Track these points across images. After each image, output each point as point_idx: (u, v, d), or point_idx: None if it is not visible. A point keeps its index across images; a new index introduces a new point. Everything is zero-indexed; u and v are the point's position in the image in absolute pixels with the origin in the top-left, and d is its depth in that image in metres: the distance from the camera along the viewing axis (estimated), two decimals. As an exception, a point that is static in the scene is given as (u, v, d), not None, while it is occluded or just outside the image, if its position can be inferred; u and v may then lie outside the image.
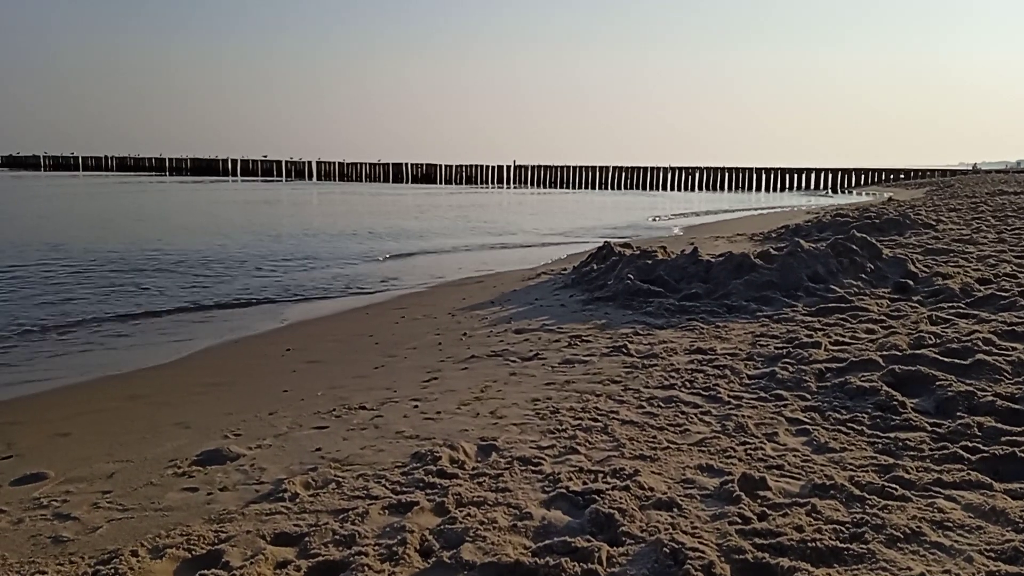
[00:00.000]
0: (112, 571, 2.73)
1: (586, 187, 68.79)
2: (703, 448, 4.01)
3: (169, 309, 10.19)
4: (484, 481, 3.62)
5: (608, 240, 11.96)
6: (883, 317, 7.10)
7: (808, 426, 4.34)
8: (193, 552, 2.95)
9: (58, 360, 7.52)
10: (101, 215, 24.76)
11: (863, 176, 65.54)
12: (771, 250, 9.49)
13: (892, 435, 4.12)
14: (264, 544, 2.98)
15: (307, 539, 3.02)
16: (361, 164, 78.79)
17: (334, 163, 79.38)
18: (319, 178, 77.27)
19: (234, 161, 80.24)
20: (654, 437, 4.19)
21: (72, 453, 4.56)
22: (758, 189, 66.19)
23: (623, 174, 71.05)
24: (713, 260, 9.25)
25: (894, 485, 3.40)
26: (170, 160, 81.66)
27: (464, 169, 75.89)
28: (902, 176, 64.13)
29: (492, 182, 73.43)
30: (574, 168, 72.47)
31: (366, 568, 2.71)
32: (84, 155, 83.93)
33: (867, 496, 3.30)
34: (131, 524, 3.30)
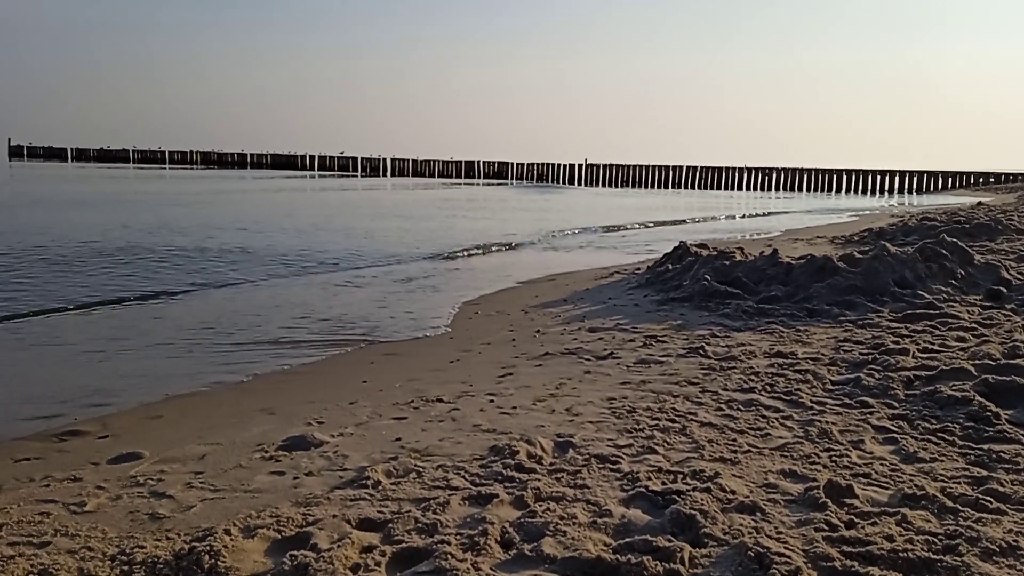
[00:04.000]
0: (207, 548, 2.84)
1: (658, 187, 68.00)
2: (785, 453, 3.93)
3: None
4: (562, 477, 3.63)
5: (684, 240, 11.81)
6: (974, 325, 6.83)
7: (896, 435, 4.22)
8: (283, 533, 3.04)
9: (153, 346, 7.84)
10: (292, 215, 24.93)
11: (949, 179, 63.00)
12: (855, 253, 9.22)
13: (985, 447, 3.96)
14: (350, 528, 3.06)
15: (391, 525, 3.08)
16: (434, 161, 79.75)
17: (408, 160, 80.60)
18: (393, 174, 78.51)
19: (312, 157, 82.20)
20: (734, 440, 4.13)
21: (164, 435, 4.76)
22: (838, 191, 64.31)
23: (697, 174, 69.99)
24: (793, 262, 9.05)
25: (988, 498, 3.28)
26: (251, 155, 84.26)
27: (535, 167, 75.96)
28: (991, 180, 61.39)
29: (563, 181, 73.26)
30: (646, 167, 71.74)
31: (449, 556, 2.75)
32: (170, 149, 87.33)
33: (960, 508, 3.19)
34: (223, 504, 3.43)
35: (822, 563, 2.73)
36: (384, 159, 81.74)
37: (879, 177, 65.26)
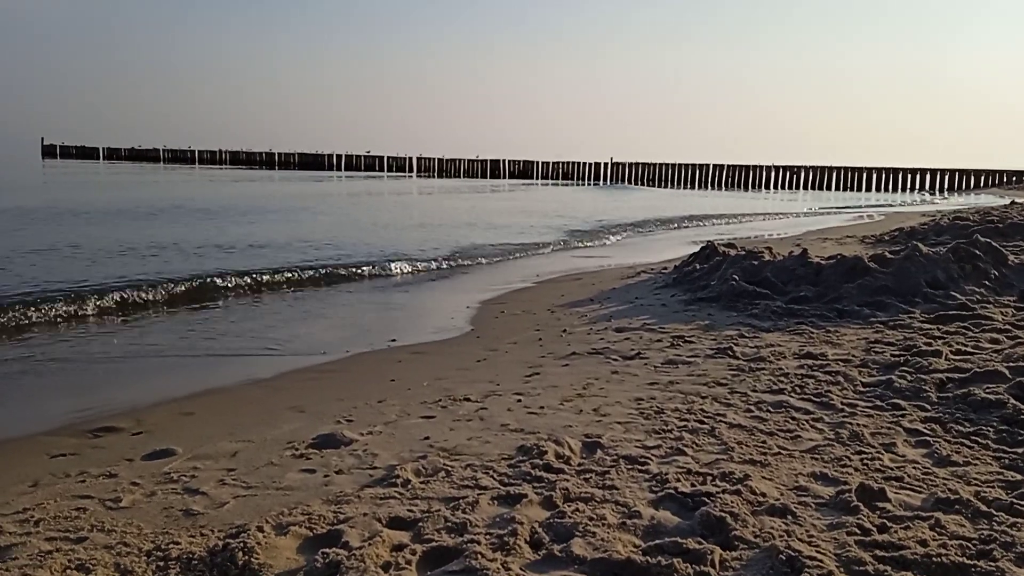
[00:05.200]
0: (241, 544, 2.88)
1: (685, 186, 67.57)
2: (816, 456, 3.90)
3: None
4: (591, 478, 3.63)
5: (711, 240, 11.75)
6: (1008, 327, 6.72)
7: (929, 438, 4.16)
8: (314, 530, 3.08)
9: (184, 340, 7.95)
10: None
11: (981, 177, 61.97)
12: (886, 253, 9.11)
13: (1020, 450, 3.90)
14: (380, 527, 3.08)
15: (420, 524, 3.10)
16: (459, 160, 79.84)
17: (433, 159, 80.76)
18: (419, 172, 78.76)
19: (339, 156, 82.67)
20: (764, 442, 4.11)
21: (197, 432, 4.82)
22: (867, 189, 63.50)
23: (724, 172, 69.46)
24: (823, 262, 8.96)
25: (1023, 502, 3.24)
26: (279, 155, 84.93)
27: (561, 166, 75.80)
28: (1026, 178, 60.25)
29: (588, 179, 73.04)
30: (673, 166, 71.31)
31: (479, 556, 2.77)
32: (200, 149, 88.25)
33: (994, 512, 3.15)
34: (255, 501, 3.47)
35: (855, 567, 2.71)
36: (410, 158, 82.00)
37: (909, 175, 64.35)
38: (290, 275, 11.84)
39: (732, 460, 3.83)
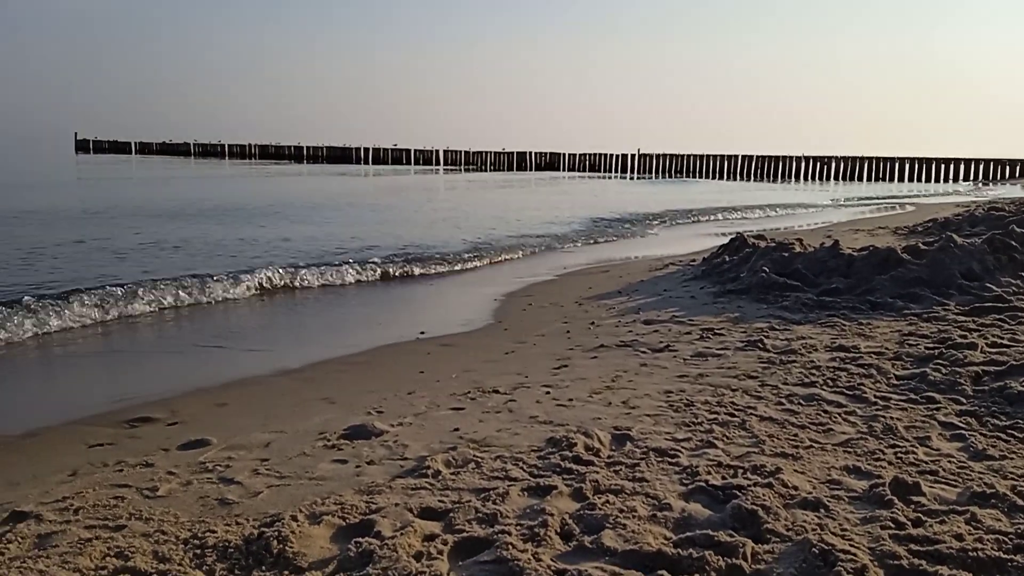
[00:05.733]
0: (276, 533, 2.92)
1: (712, 176, 67.04)
2: (849, 449, 3.87)
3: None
4: (620, 470, 3.63)
5: (740, 231, 11.66)
6: (1047, 319, 6.60)
7: (964, 431, 4.11)
8: (347, 520, 3.11)
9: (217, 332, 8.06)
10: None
11: (1016, 167, 60.73)
12: (920, 244, 8.98)
13: (1060, 445, 3.84)
14: (412, 517, 3.11)
15: (451, 515, 3.13)
16: (486, 152, 79.85)
17: (460, 151, 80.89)
18: (445, 164, 78.91)
19: (366, 149, 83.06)
20: (795, 435, 4.08)
21: (230, 422, 4.89)
22: (899, 180, 62.53)
23: (753, 163, 68.77)
24: (855, 254, 8.85)
25: (1063, 498, 3.18)
26: (307, 148, 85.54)
27: (587, 157, 75.56)
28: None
29: (615, 170, 72.72)
30: (700, 157, 70.76)
31: (510, 547, 2.78)
32: (229, 143, 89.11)
33: (1032, 508, 3.11)
34: (289, 491, 3.52)
35: (889, 561, 2.69)
36: (437, 151, 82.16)
37: (942, 166, 63.24)
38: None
39: (763, 453, 3.81)
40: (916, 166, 63.59)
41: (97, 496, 3.53)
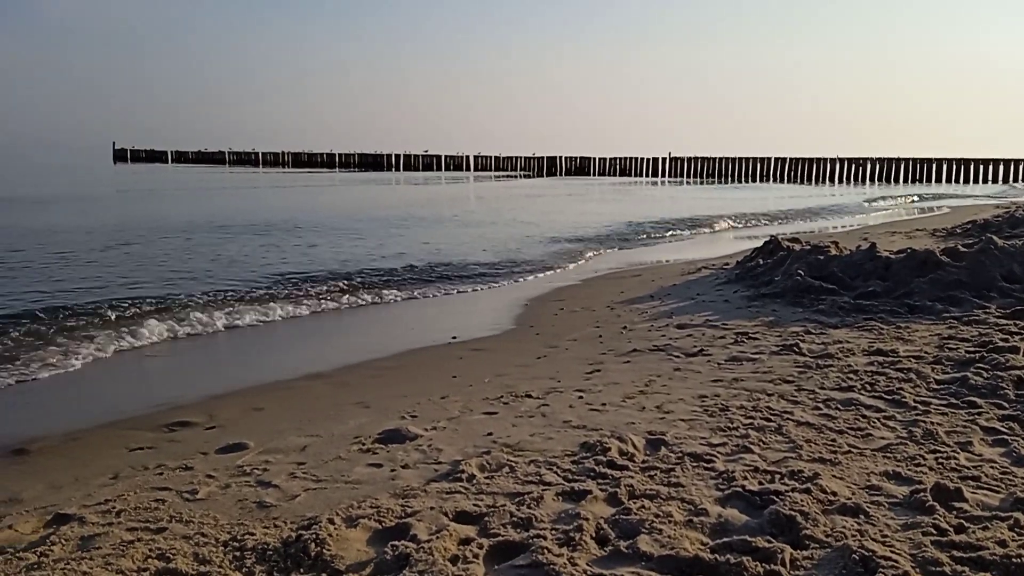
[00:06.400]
0: (313, 536, 2.95)
1: (744, 180, 66.44)
2: (888, 454, 3.81)
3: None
4: (655, 475, 3.61)
5: (774, 234, 11.55)
6: (1092, 322, 6.44)
7: (1006, 436, 4.03)
8: (383, 523, 3.13)
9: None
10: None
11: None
12: (959, 247, 8.82)
13: (1108, 451, 3.74)
14: (447, 521, 3.12)
15: (486, 519, 3.13)
16: (516, 158, 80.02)
17: (490, 157, 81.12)
18: (476, 170, 79.15)
19: (397, 156, 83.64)
20: (833, 440, 4.03)
21: (267, 426, 4.95)
22: (936, 181, 61.44)
23: (786, 166, 68.03)
24: (892, 256, 8.72)
25: (1112, 505, 3.11)
26: (339, 155, 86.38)
27: (618, 162, 75.32)
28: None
29: (646, 174, 72.38)
30: (733, 160, 70.17)
31: (545, 551, 2.78)
32: (263, 151, 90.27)
33: (1079, 515, 3.03)
34: (325, 494, 3.55)
35: (931, 568, 2.64)
36: (467, 156, 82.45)
37: (981, 166, 62.04)
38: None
39: (801, 458, 3.76)
40: (953, 167, 62.44)
41: (138, 499, 3.59)
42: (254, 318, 8.96)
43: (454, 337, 7.95)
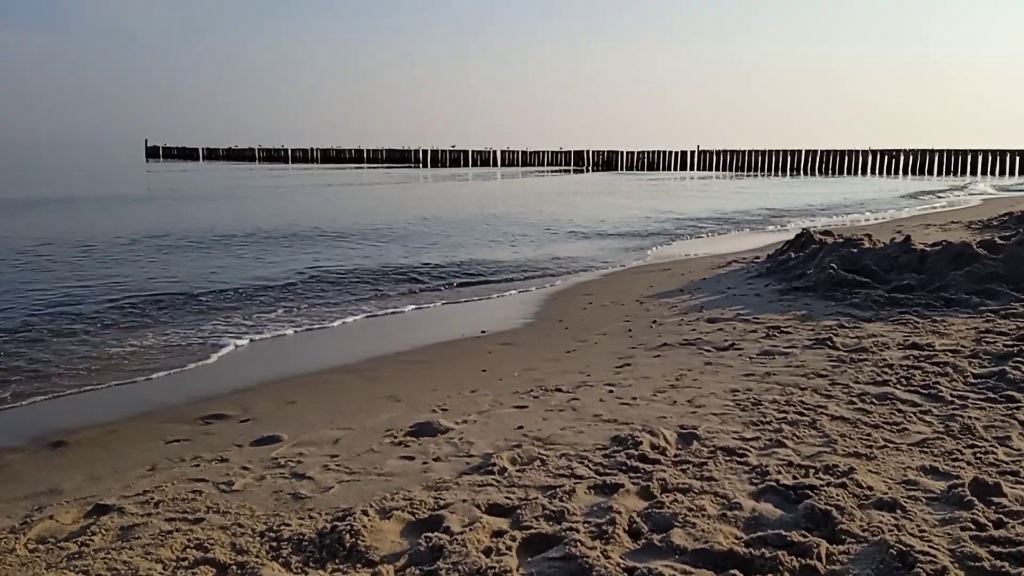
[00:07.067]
0: (348, 527, 2.98)
1: (775, 173, 65.69)
2: (925, 449, 3.76)
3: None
4: (688, 469, 3.59)
5: (807, 227, 11.42)
6: None
7: (1048, 431, 3.95)
8: (416, 515, 3.16)
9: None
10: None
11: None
12: (995, 239, 8.66)
13: None
14: (480, 513, 3.14)
15: (519, 512, 3.14)
16: (543, 152, 79.79)
17: (517, 151, 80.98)
18: (503, 165, 79.01)
19: (424, 151, 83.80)
20: (868, 435, 3.98)
21: (300, 419, 5.01)
22: (972, 173, 60.29)
23: (817, 158, 67.14)
24: (927, 249, 8.58)
25: None
26: (367, 151, 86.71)
27: (645, 155, 74.79)
28: None
29: (674, 167, 71.82)
30: (763, 152, 69.36)
31: (579, 544, 2.78)
32: (292, 147, 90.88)
33: (1123, 511, 2.97)
34: (358, 486, 3.58)
35: (970, 563, 2.60)
36: (494, 151, 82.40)
37: (1018, 157, 60.76)
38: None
39: (835, 453, 3.72)
40: (988, 159, 61.22)
41: (176, 490, 3.65)
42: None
43: (483, 331, 7.97)
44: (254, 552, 2.90)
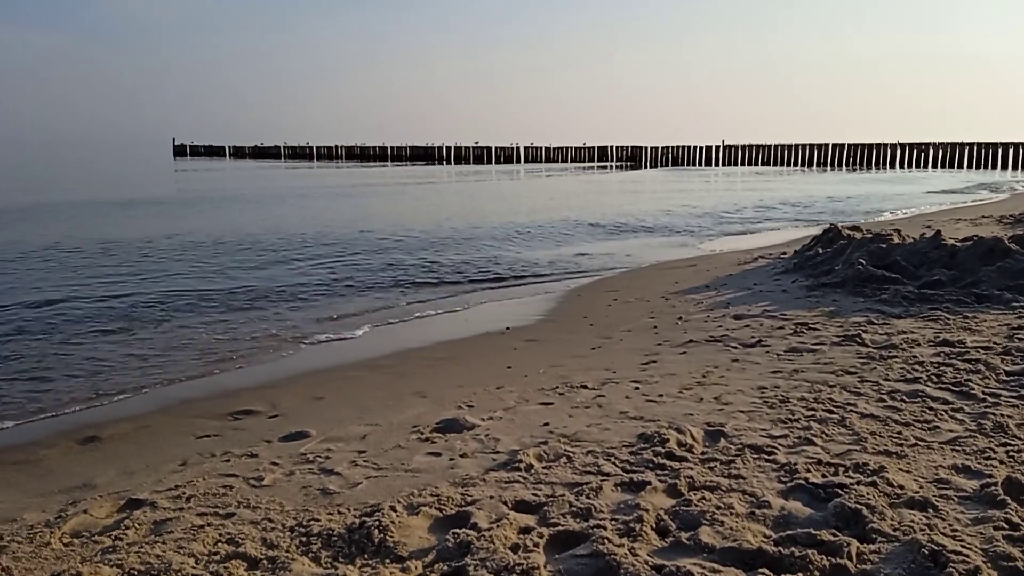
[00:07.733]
0: (376, 522, 3.01)
1: (802, 166, 65.05)
2: (957, 447, 3.71)
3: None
4: (715, 466, 3.58)
5: (834, 223, 11.30)
6: None
7: (1083, 430, 3.88)
8: (443, 511, 3.17)
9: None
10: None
11: None
12: (1029, 234, 8.51)
13: None
14: (507, 510, 3.15)
15: (546, 508, 3.15)
16: (567, 148, 79.60)
17: (540, 147, 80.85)
18: (526, 161, 78.91)
19: (448, 148, 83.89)
20: (899, 433, 3.93)
21: (328, 415, 5.05)
22: (1003, 167, 59.27)
23: (844, 151, 66.37)
24: (958, 244, 8.46)
25: None
26: (392, 148, 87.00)
27: (670, 150, 74.36)
28: None
29: (699, 163, 71.34)
30: (789, 147, 68.67)
31: (606, 541, 2.78)
32: (317, 145, 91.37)
33: None
34: (386, 482, 3.61)
35: (1003, 563, 2.57)
36: (518, 147, 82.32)
37: (1054, 150, 59.51)
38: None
39: (865, 451, 3.69)
40: (1019, 152, 60.09)
41: (207, 485, 3.70)
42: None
43: (507, 328, 7.98)
44: (284, 547, 2.94)
